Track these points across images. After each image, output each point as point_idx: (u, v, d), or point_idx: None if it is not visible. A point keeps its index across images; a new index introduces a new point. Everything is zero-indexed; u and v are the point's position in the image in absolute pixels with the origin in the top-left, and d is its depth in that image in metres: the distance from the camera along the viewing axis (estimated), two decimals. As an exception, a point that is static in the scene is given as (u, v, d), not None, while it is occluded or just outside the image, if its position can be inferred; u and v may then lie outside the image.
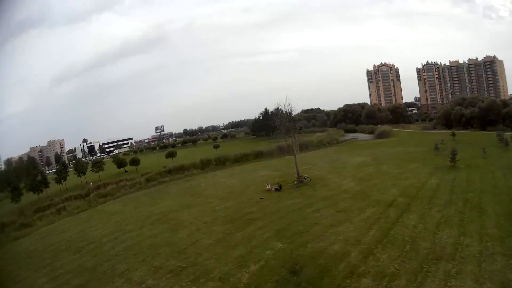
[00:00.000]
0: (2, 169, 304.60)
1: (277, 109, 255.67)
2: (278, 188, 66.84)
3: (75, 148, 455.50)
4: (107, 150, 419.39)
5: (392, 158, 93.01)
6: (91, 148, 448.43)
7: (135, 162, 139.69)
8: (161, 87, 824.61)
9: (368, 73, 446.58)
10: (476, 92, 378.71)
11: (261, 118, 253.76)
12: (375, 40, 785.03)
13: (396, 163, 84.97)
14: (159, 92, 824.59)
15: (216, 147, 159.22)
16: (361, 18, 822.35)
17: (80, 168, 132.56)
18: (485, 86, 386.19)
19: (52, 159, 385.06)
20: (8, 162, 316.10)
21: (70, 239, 58.03)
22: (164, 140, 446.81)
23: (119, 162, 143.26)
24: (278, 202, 57.37)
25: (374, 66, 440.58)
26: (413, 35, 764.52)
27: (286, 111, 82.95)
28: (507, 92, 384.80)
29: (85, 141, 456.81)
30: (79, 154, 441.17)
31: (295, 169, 74.88)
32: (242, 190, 70.62)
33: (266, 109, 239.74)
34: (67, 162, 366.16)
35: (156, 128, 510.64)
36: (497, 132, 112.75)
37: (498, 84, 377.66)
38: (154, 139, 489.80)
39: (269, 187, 68.01)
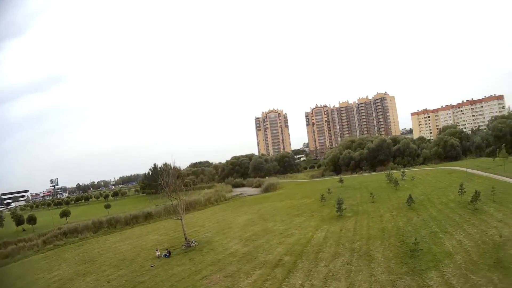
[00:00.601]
0: None
1: (165, 165, 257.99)
2: (167, 254, 67.79)
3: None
4: (6, 202, 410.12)
5: (278, 214, 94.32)
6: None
7: (32, 221, 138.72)
8: (58, 133, 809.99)
9: (256, 120, 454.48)
10: (366, 132, 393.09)
11: (150, 174, 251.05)
12: (265, 85, 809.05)
13: (282, 218, 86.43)
14: (56, 138, 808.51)
15: (107, 206, 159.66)
16: (250, 62, 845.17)
17: None
18: (375, 124, 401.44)
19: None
20: None
21: None
22: (58, 195, 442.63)
23: (17, 220, 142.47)
24: (169, 269, 58.32)
25: (263, 113, 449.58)
26: (304, 78, 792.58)
27: (174, 166, 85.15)
28: (398, 127, 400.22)
29: None
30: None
31: (183, 232, 76.23)
32: (134, 257, 71.35)
33: (155, 164, 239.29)
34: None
35: (51, 181, 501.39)
36: (387, 172, 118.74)
37: (388, 120, 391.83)
38: (49, 193, 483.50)
39: (159, 253, 68.94)
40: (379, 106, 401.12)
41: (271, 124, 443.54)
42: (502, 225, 51.78)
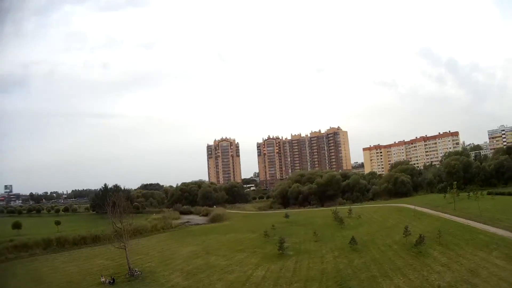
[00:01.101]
0: None
1: (115, 186, 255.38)
2: (111, 281, 68.38)
3: None
4: None
5: (222, 247, 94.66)
6: None
7: None
8: (16, 137, 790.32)
9: (209, 148, 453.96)
10: (317, 165, 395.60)
11: (100, 193, 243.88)
12: (219, 112, 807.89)
13: (225, 253, 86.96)
14: (14, 143, 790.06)
15: (57, 223, 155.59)
16: (208, 85, 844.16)
17: None
18: (326, 158, 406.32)
19: None
20: None
21: None
22: (12, 203, 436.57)
23: None
24: None
25: (215, 141, 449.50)
26: (258, 106, 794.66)
27: (124, 188, 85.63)
28: (349, 161, 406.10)
29: None
30: None
31: (130, 257, 76.86)
32: (80, 280, 71.60)
33: (106, 184, 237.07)
34: None
35: (6, 186, 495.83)
36: (333, 209, 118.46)
37: (340, 155, 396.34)
38: (3, 198, 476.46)
39: (104, 279, 69.43)
40: (331, 140, 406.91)
41: (223, 153, 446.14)
42: (445, 269, 52.41)
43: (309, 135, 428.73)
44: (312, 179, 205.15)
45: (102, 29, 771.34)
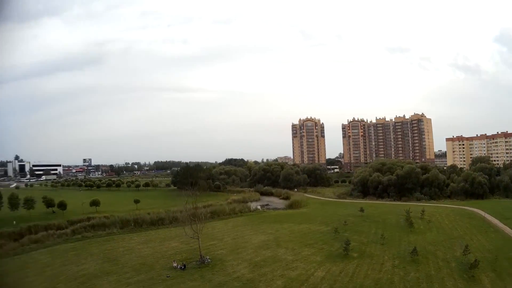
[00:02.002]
0: None
1: (198, 165, 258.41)
2: (182, 267, 71.36)
3: (6, 161, 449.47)
4: (36, 173, 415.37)
5: (293, 240, 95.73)
6: (22, 168, 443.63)
7: (62, 206, 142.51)
8: (93, 111, 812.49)
9: (293, 127, 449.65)
10: (400, 151, 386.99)
11: (182, 172, 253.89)
12: (303, 90, 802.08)
13: (294, 246, 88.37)
14: (91, 117, 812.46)
15: (136, 201, 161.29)
16: (292, 62, 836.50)
17: (14, 203, 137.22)
18: (410, 145, 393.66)
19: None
20: None
21: (11, 286, 63.77)
22: (91, 174, 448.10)
23: (48, 203, 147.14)
24: (181, 283, 62.54)
25: (300, 120, 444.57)
26: (343, 86, 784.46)
27: (206, 167, 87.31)
28: (432, 150, 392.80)
29: (17, 158, 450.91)
30: (9, 171, 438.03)
31: (204, 242, 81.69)
32: (153, 263, 75.43)
33: (187, 163, 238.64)
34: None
35: (84, 160, 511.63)
36: (407, 209, 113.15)
37: (424, 143, 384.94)
38: (81, 169, 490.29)
39: (175, 264, 72.67)
40: (415, 127, 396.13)
41: (308, 133, 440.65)
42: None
43: (393, 120, 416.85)
44: (392, 170, 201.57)
45: (178, 7, 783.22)
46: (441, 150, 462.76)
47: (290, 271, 68.28)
